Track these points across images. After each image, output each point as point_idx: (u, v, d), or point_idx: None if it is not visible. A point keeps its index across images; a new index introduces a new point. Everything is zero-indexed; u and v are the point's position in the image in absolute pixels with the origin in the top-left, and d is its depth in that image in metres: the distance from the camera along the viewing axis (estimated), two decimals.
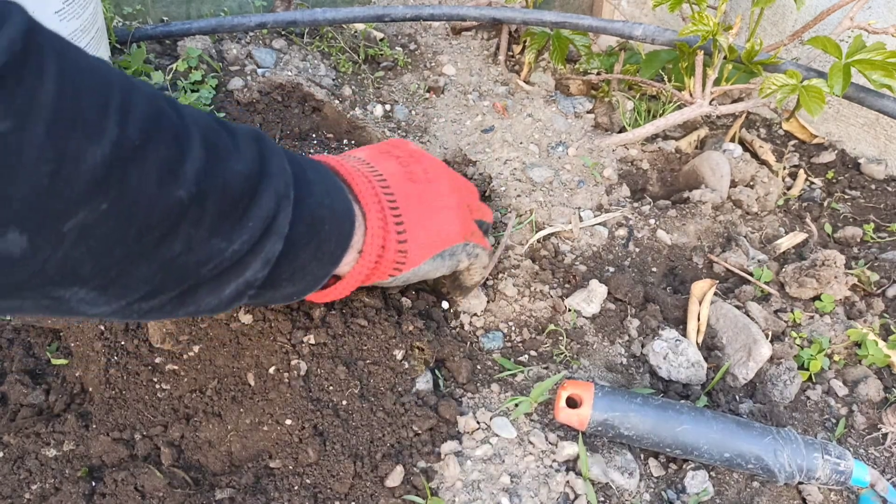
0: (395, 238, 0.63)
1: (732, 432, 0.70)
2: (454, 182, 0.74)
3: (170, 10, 1.19)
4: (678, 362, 0.81)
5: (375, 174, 0.66)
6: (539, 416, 0.76)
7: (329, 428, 0.69)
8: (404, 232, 0.64)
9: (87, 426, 0.69)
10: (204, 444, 0.69)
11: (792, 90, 0.94)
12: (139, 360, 0.71)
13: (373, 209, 0.62)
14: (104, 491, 0.64)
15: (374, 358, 0.73)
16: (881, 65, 0.91)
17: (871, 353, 0.84)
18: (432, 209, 0.68)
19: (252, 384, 0.71)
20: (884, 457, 0.77)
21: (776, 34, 1.21)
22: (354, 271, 0.62)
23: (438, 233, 0.68)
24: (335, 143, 1.13)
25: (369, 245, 0.61)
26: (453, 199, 0.71)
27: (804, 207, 1.08)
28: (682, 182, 1.10)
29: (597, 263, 0.94)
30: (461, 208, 0.72)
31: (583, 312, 0.86)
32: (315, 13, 1.14)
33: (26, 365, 0.75)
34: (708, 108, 1.08)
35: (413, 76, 1.25)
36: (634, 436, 0.71)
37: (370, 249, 0.61)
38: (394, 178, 0.67)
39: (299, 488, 0.67)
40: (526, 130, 1.13)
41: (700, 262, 0.97)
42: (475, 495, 0.68)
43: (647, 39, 1.09)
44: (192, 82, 1.07)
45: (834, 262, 0.90)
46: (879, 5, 1.08)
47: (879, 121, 1.15)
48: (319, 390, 0.71)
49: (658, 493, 0.72)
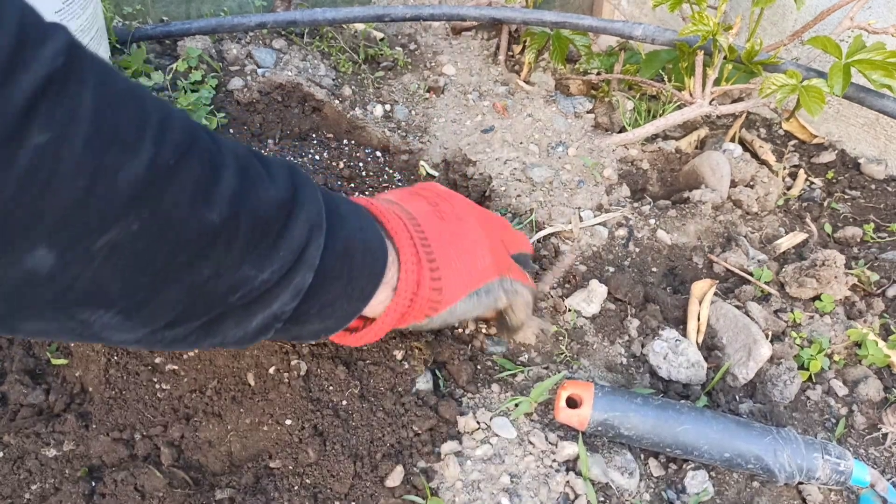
0: (430, 276, 0.61)
1: (732, 432, 0.70)
2: (484, 218, 0.73)
3: (170, 10, 1.19)
4: (678, 362, 0.81)
5: (406, 213, 0.64)
6: (539, 416, 0.76)
7: (329, 428, 0.69)
8: (437, 269, 0.62)
9: (87, 426, 0.69)
10: (204, 444, 0.69)
11: (792, 90, 0.94)
12: (139, 360, 0.71)
13: (406, 246, 0.60)
14: (104, 491, 0.64)
15: (374, 358, 0.73)
16: (881, 65, 0.91)
17: (871, 353, 0.84)
18: (464, 246, 0.66)
19: (252, 384, 0.71)
20: (884, 457, 0.77)
21: (776, 34, 1.21)
22: (390, 310, 0.60)
23: (472, 270, 0.66)
24: (335, 143, 1.13)
25: (404, 282, 0.59)
26: (484, 235, 0.69)
27: (804, 207, 1.08)
28: (683, 182, 1.10)
29: (597, 263, 0.94)
30: (494, 244, 0.70)
31: (583, 312, 0.87)
32: (315, 13, 1.14)
33: (26, 365, 0.75)
34: (708, 108, 1.08)
35: (413, 76, 1.25)
36: (634, 436, 0.71)
37: (405, 286, 0.59)
38: (424, 216, 0.65)
39: (299, 488, 0.67)
40: (526, 130, 1.13)
41: (700, 262, 0.97)
42: (475, 495, 0.68)
43: (647, 39, 1.09)
44: (192, 82, 1.07)
45: (834, 262, 0.90)
46: (879, 5, 1.08)
47: (879, 121, 1.15)
48: (319, 390, 0.71)
49: (658, 493, 0.72)
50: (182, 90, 1.05)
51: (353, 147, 1.14)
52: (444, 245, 0.64)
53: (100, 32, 0.98)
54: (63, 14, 0.88)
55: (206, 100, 1.05)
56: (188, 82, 1.06)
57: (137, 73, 1.05)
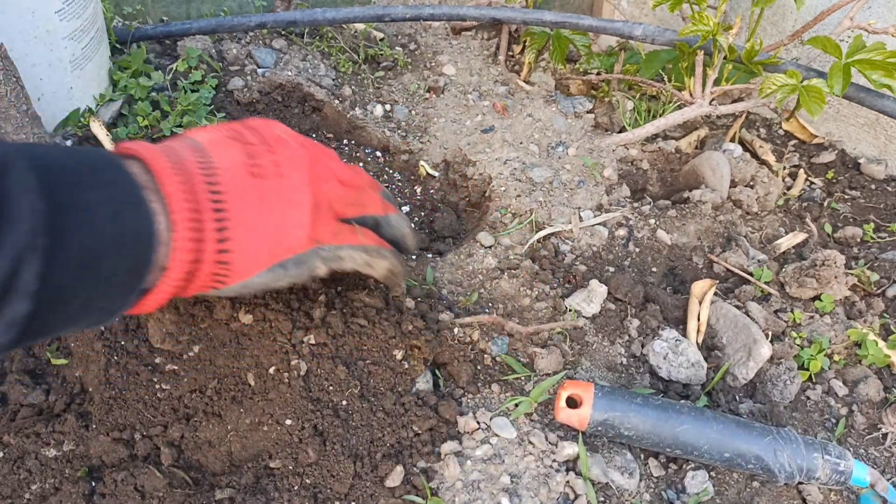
0: (215, 249, 0.55)
1: (732, 432, 0.70)
2: (318, 174, 0.64)
3: (170, 10, 1.19)
4: (678, 362, 0.81)
5: (205, 168, 0.56)
6: (539, 416, 0.76)
7: (329, 428, 0.69)
8: (227, 240, 0.56)
9: (86, 426, 0.69)
10: (204, 444, 0.69)
11: (792, 90, 0.94)
12: (139, 360, 0.71)
13: (184, 219, 0.53)
14: (104, 491, 0.64)
15: (374, 358, 0.73)
16: (881, 65, 0.91)
17: (871, 353, 0.84)
18: (274, 210, 0.59)
19: (252, 384, 0.71)
20: (884, 457, 0.77)
21: (776, 34, 1.21)
22: (158, 290, 0.54)
23: (279, 240, 0.60)
24: (335, 142, 1.13)
25: (175, 262, 0.53)
26: (309, 196, 0.61)
27: (804, 207, 1.08)
28: (683, 182, 1.10)
29: (597, 263, 0.94)
30: (319, 207, 0.63)
31: (583, 312, 0.86)
32: (315, 13, 1.14)
33: (26, 365, 0.75)
34: (708, 108, 1.08)
35: (413, 76, 1.25)
36: (634, 436, 0.71)
37: (176, 267, 0.53)
38: (229, 172, 0.57)
39: (299, 488, 0.67)
40: (526, 130, 1.13)
41: (700, 262, 0.97)
42: (475, 495, 0.68)
43: (647, 39, 1.09)
44: (192, 82, 1.07)
45: (834, 262, 0.90)
46: (879, 5, 1.08)
47: (879, 121, 1.15)
48: (319, 390, 0.71)
49: (658, 493, 0.72)
50: (182, 90, 1.05)
51: (353, 147, 1.14)
52: (245, 210, 0.57)
53: (100, 32, 0.98)
54: (63, 14, 0.88)
55: (206, 100, 1.05)
56: (188, 82, 1.06)
57: (137, 73, 1.05)
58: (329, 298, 0.75)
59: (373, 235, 0.69)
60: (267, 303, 0.72)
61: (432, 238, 1.02)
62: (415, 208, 1.08)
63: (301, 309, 0.74)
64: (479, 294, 0.88)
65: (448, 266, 0.91)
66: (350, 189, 0.67)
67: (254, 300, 0.72)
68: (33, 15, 0.85)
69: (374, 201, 0.71)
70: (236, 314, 0.71)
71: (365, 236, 0.68)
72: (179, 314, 0.70)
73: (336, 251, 0.64)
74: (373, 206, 0.71)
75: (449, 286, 0.88)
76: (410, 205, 1.08)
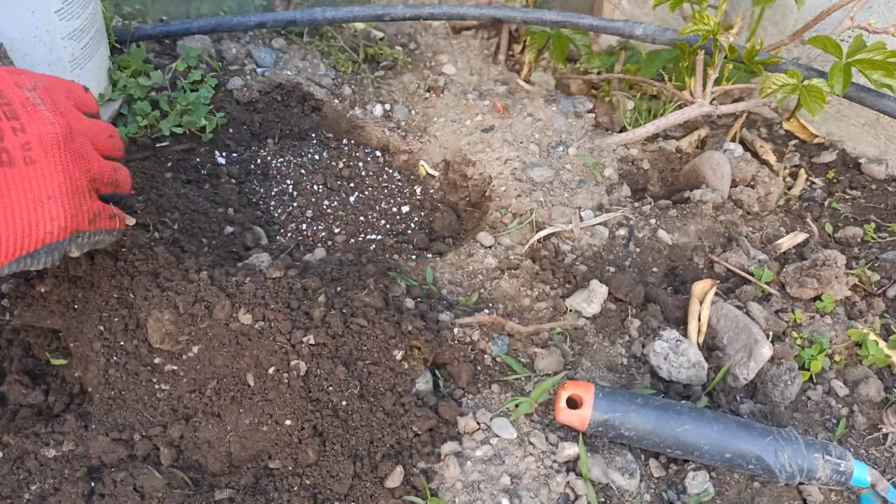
0: None
1: (733, 433, 0.70)
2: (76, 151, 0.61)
3: (169, 9, 1.19)
4: (679, 363, 0.81)
5: None
6: (539, 416, 0.76)
7: (329, 428, 0.69)
8: None
9: (86, 426, 0.69)
10: (203, 444, 0.69)
11: (792, 90, 0.94)
12: (138, 361, 0.71)
13: None
14: (103, 491, 0.64)
15: (374, 358, 0.73)
16: (881, 64, 0.91)
17: (872, 353, 0.84)
18: (21, 204, 0.55)
19: (251, 384, 0.70)
20: (884, 457, 0.77)
21: (777, 34, 1.21)
22: None
23: (28, 234, 0.56)
24: (335, 142, 1.13)
25: None
26: (63, 182, 0.58)
27: (805, 207, 1.08)
28: (683, 182, 1.10)
29: (597, 263, 0.94)
30: (74, 192, 0.59)
31: (583, 312, 0.86)
32: (315, 12, 1.14)
33: (26, 365, 0.75)
34: (708, 108, 1.07)
35: (413, 76, 1.25)
36: (635, 436, 0.71)
37: None
38: None
39: (299, 489, 0.67)
40: (526, 130, 1.12)
41: (701, 262, 0.97)
42: (475, 496, 0.68)
43: (647, 39, 1.09)
44: (192, 82, 1.07)
45: (834, 262, 0.90)
46: (879, 5, 1.08)
47: (880, 121, 1.15)
48: (319, 390, 0.70)
49: (659, 493, 0.72)
50: (181, 90, 1.05)
51: (353, 146, 1.13)
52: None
53: (100, 32, 0.98)
54: (63, 13, 0.88)
55: (206, 99, 1.04)
56: (188, 82, 1.06)
57: (137, 73, 1.05)
58: (328, 298, 0.75)
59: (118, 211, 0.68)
60: (267, 303, 0.72)
61: (432, 238, 1.01)
62: (415, 208, 1.08)
63: (301, 309, 0.73)
64: (480, 294, 0.88)
65: (448, 266, 0.91)
66: (106, 168, 0.65)
67: (253, 300, 0.72)
68: (33, 15, 0.85)
69: (126, 180, 0.69)
70: (236, 314, 0.71)
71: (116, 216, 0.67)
72: (179, 314, 0.70)
73: (92, 237, 0.63)
74: (125, 185, 0.69)
75: (449, 286, 0.88)
76: (410, 205, 1.08)
